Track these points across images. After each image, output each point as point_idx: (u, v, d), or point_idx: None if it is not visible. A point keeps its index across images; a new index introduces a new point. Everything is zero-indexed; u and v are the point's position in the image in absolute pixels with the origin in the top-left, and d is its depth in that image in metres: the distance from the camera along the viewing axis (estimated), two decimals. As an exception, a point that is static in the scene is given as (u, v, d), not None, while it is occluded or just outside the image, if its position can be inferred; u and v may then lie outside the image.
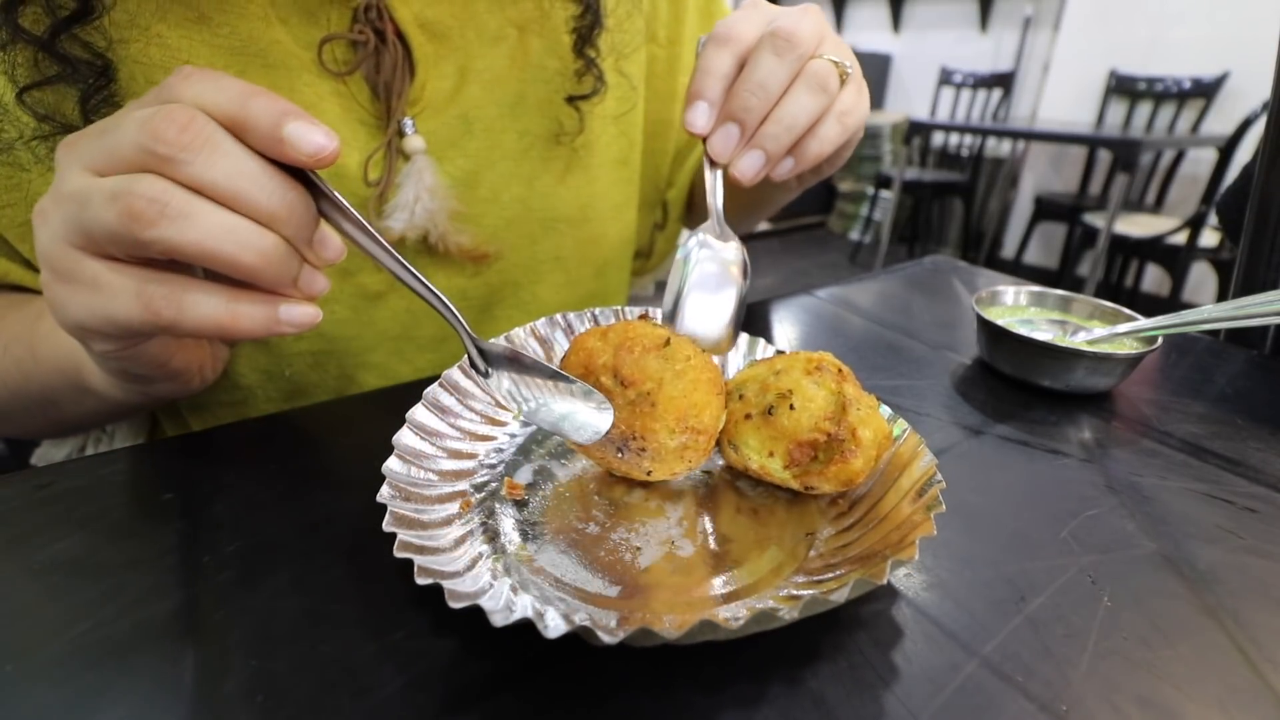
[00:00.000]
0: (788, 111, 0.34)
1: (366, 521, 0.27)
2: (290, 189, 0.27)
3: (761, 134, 0.35)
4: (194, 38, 0.39)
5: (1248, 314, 0.39)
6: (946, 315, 0.58)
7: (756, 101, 0.34)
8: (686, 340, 0.31)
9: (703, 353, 0.31)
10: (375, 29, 0.42)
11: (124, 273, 0.26)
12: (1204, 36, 2.56)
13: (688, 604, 0.26)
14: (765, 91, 0.34)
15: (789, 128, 0.35)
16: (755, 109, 0.34)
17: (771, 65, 0.34)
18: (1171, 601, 0.27)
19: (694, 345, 0.31)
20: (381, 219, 0.44)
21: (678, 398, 0.29)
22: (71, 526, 0.30)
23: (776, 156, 0.35)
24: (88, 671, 0.23)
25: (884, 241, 3.22)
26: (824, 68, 0.35)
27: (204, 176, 0.25)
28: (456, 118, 0.47)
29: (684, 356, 0.30)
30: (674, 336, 0.31)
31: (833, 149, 0.37)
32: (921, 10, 3.61)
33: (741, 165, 0.35)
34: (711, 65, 0.35)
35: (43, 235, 0.27)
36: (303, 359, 0.46)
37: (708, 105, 0.35)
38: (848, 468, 0.29)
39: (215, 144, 0.25)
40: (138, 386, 0.36)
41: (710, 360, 0.31)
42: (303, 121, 0.26)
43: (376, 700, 0.22)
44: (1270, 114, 0.57)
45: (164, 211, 0.24)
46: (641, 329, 0.31)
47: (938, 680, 0.23)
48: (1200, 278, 2.53)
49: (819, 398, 0.30)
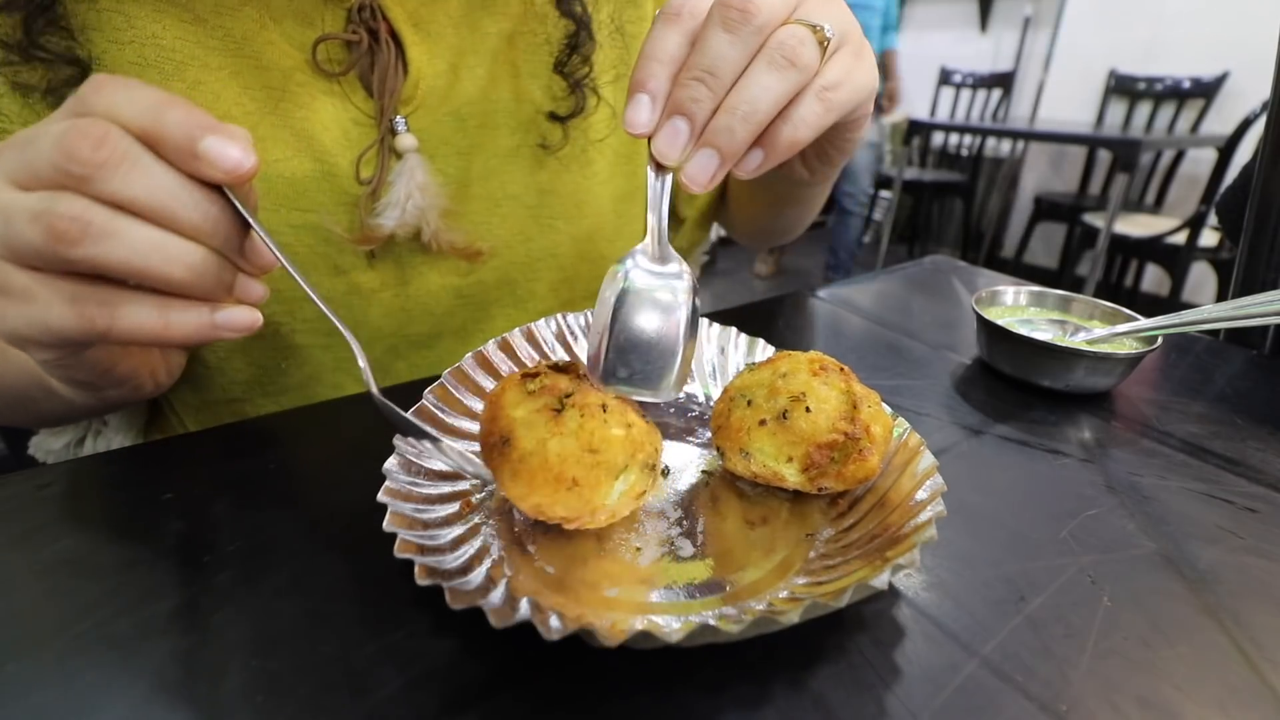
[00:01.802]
0: (743, 98, 0.28)
1: (366, 521, 0.27)
2: (211, 202, 0.27)
3: (711, 129, 0.28)
4: (188, 39, 0.39)
5: (1247, 314, 0.39)
6: (946, 315, 0.58)
7: (705, 90, 0.27)
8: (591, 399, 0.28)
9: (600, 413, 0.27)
10: (369, 29, 0.42)
11: (55, 284, 0.26)
12: (1204, 36, 2.56)
13: (688, 605, 0.26)
14: (714, 77, 0.27)
15: (745, 117, 0.28)
16: (704, 99, 0.27)
17: (721, 43, 0.27)
18: (1171, 601, 0.27)
19: (598, 404, 0.28)
20: (373, 216, 0.44)
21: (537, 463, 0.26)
22: (71, 526, 0.30)
23: (733, 154, 0.28)
24: (88, 671, 0.23)
25: (884, 241, 3.22)
26: (792, 37, 0.28)
27: (123, 193, 0.25)
28: (448, 115, 0.47)
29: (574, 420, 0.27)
30: (579, 393, 0.28)
31: (814, 133, 0.30)
32: (921, 10, 3.60)
33: (690, 170, 0.28)
34: (656, 47, 0.28)
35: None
36: (298, 355, 0.46)
37: (649, 99, 0.28)
38: (865, 465, 0.29)
39: (132, 160, 0.25)
40: (88, 392, 0.36)
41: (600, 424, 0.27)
42: (219, 136, 0.26)
43: (376, 700, 0.22)
44: (1270, 114, 0.57)
45: (87, 231, 0.24)
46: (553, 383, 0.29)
47: (938, 680, 0.23)
48: (1200, 278, 2.53)
49: (832, 398, 0.30)
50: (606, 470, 0.27)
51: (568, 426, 0.27)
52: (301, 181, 0.42)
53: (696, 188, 0.28)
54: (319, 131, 0.43)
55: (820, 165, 0.44)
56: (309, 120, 0.42)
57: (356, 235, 0.44)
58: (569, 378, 0.29)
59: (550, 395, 0.28)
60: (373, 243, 0.45)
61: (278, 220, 0.42)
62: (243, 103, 0.41)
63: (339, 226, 0.44)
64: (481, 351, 0.38)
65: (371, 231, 0.44)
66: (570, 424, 0.27)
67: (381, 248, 0.46)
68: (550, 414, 0.27)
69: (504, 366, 0.39)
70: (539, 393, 0.28)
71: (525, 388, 0.28)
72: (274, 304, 0.44)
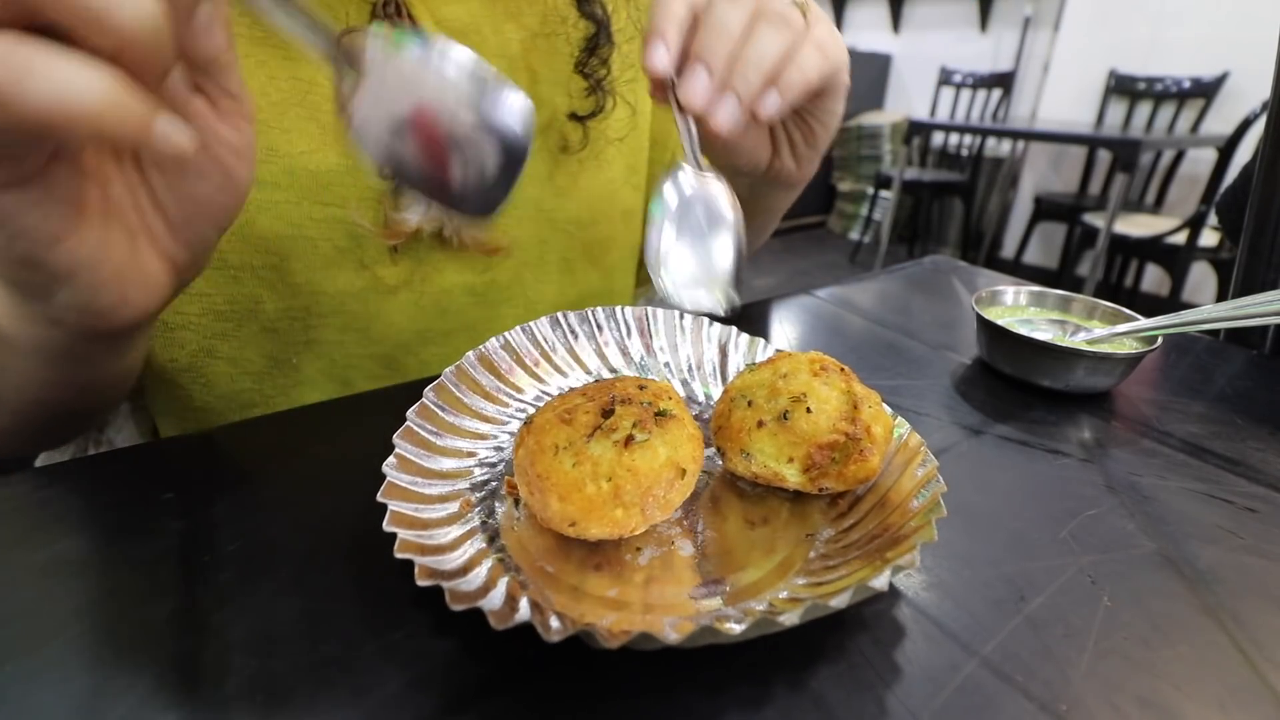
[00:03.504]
0: (754, 49, 0.33)
1: (366, 521, 0.27)
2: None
3: (731, 77, 0.33)
4: None
5: (1247, 314, 0.39)
6: (946, 315, 0.58)
7: (720, 43, 0.32)
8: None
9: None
10: (393, 24, 0.42)
11: None
12: (1204, 36, 2.56)
13: (688, 605, 0.26)
14: (726, 32, 0.32)
15: (757, 65, 0.33)
16: (719, 51, 0.32)
17: (725, 8, 0.33)
18: (1171, 601, 0.27)
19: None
20: (397, 212, 0.44)
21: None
22: (71, 526, 0.30)
23: (751, 98, 0.33)
24: (88, 671, 0.23)
25: (884, 241, 3.22)
26: (780, 3, 0.34)
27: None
28: None
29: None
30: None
31: (818, 76, 0.36)
32: (921, 10, 3.61)
33: (719, 114, 0.33)
34: (667, 9, 0.33)
35: None
36: (311, 349, 0.46)
37: (665, 45, 0.32)
38: (866, 465, 0.29)
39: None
40: (35, 303, 0.28)
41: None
42: None
43: (376, 700, 0.22)
44: (1270, 114, 0.57)
45: None
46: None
47: (938, 680, 0.23)
48: (1200, 278, 2.53)
49: (832, 399, 0.30)
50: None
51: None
52: (327, 174, 0.43)
53: (724, 130, 0.33)
54: None
55: (806, 149, 0.47)
56: (335, 113, 0.42)
57: (382, 230, 0.44)
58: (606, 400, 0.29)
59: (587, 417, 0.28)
60: (398, 237, 0.45)
61: (302, 214, 0.42)
62: (269, 93, 0.41)
63: (365, 220, 0.44)
64: (483, 350, 0.38)
65: (397, 225, 0.44)
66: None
67: (404, 243, 0.46)
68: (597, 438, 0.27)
69: (504, 365, 0.39)
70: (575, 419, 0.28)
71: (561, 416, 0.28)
72: (290, 297, 0.44)
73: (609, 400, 0.29)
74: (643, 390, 0.29)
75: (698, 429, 0.30)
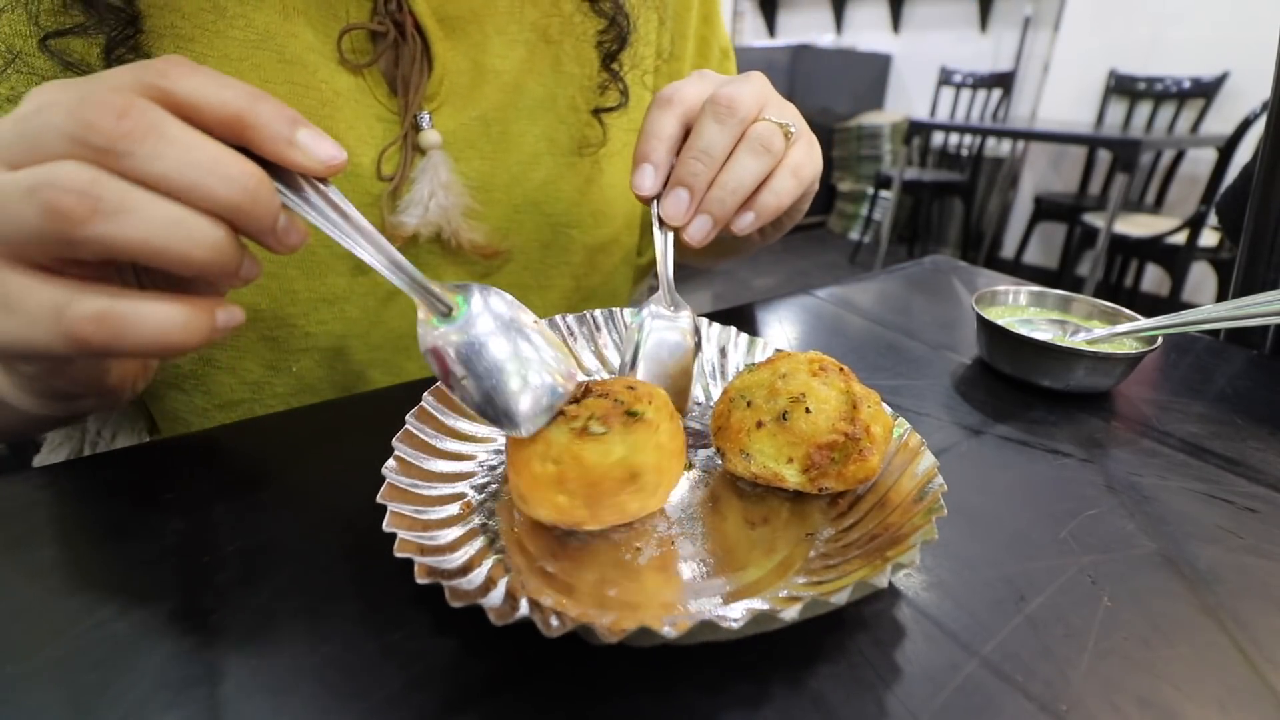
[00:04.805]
0: (732, 176, 0.36)
1: (366, 521, 0.27)
2: (254, 174, 0.24)
3: (709, 199, 0.36)
4: (209, 29, 0.39)
5: (1248, 314, 0.39)
6: (946, 315, 0.58)
7: (702, 167, 0.36)
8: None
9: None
10: (395, 21, 0.42)
11: (44, 289, 0.23)
12: (1204, 36, 2.56)
13: (688, 604, 0.26)
14: (709, 157, 0.35)
15: (734, 190, 0.36)
16: (701, 174, 0.36)
17: (714, 131, 0.35)
18: (1171, 601, 0.27)
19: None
20: (395, 214, 0.44)
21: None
22: (71, 526, 0.30)
23: (723, 219, 0.36)
24: (88, 671, 0.23)
25: (884, 241, 3.22)
26: (766, 129, 0.36)
27: (150, 169, 0.22)
28: (475, 119, 0.47)
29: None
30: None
31: (790, 200, 0.38)
32: (921, 10, 3.61)
33: (691, 230, 0.37)
34: (656, 128, 0.36)
35: None
36: (310, 356, 0.46)
37: (653, 169, 0.36)
38: (865, 465, 0.29)
39: (160, 131, 0.22)
40: (62, 404, 0.33)
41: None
42: (312, 130, 0.25)
43: (376, 700, 0.22)
44: (1270, 114, 0.57)
45: (97, 207, 0.21)
46: None
47: (938, 680, 0.23)
48: (1200, 278, 2.53)
49: (832, 398, 0.30)
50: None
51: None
52: None
53: (695, 244, 0.37)
54: (342, 127, 0.43)
55: (773, 230, 0.50)
56: (332, 116, 0.42)
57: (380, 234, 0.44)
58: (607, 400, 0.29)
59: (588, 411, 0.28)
60: (395, 241, 0.45)
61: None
62: None
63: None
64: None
65: (394, 230, 0.44)
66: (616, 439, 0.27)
67: (402, 247, 0.46)
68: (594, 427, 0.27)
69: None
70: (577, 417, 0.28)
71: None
72: (288, 304, 0.44)
73: (583, 391, 0.29)
74: (630, 390, 0.29)
75: (677, 441, 0.29)
